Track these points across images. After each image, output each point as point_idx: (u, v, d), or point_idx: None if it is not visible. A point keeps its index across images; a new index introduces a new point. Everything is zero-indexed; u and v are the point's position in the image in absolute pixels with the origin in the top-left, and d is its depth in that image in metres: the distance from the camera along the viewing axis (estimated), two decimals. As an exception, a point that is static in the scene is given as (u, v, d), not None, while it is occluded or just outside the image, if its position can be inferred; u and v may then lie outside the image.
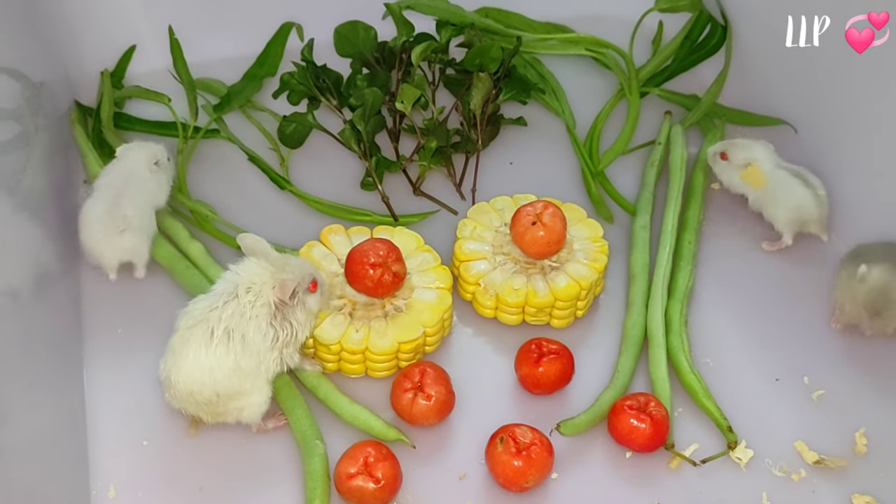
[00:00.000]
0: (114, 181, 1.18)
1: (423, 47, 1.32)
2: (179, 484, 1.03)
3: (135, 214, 1.16)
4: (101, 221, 1.15)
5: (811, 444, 1.07)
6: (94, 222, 1.15)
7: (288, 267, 1.03)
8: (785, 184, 1.23)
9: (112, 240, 1.15)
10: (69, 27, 1.36)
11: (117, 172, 1.19)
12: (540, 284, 1.15)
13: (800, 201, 1.22)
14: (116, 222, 1.14)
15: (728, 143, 1.28)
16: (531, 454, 1.01)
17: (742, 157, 1.25)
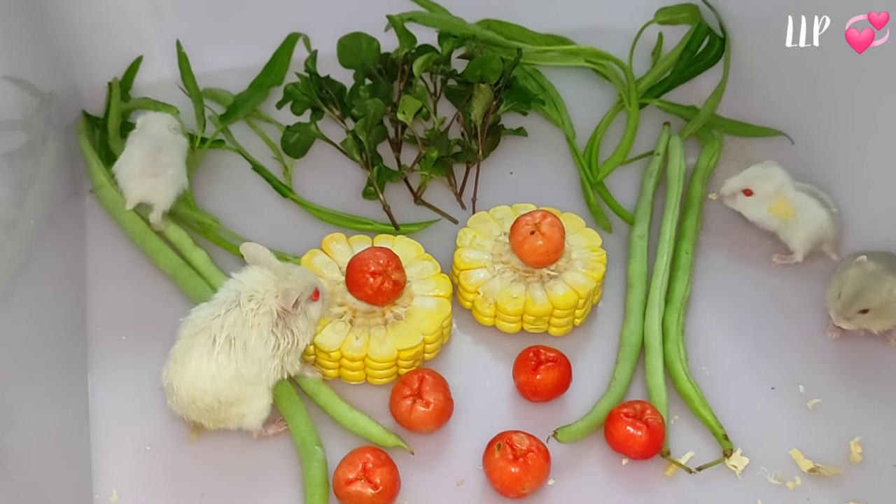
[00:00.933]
0: (145, 141, 1.23)
1: (424, 59, 1.32)
2: (181, 489, 1.03)
3: (171, 164, 1.21)
4: (140, 162, 1.20)
5: (806, 453, 1.07)
6: (134, 161, 1.20)
7: (290, 276, 1.03)
8: (805, 206, 1.21)
9: (144, 179, 1.20)
10: (77, 39, 1.37)
11: (145, 135, 1.24)
12: (538, 293, 1.14)
13: (820, 223, 1.21)
14: (155, 167, 1.20)
15: (746, 177, 1.23)
16: (528, 461, 1.00)
17: (771, 188, 1.21)
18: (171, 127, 1.25)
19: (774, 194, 1.21)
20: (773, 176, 1.22)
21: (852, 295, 1.10)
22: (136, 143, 1.23)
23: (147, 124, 1.25)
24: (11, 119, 1.14)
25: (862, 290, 1.09)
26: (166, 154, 1.21)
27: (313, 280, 1.05)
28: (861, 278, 1.10)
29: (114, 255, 1.23)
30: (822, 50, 1.23)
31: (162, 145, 1.22)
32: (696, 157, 1.35)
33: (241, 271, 1.04)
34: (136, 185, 1.20)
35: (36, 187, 1.15)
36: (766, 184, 1.22)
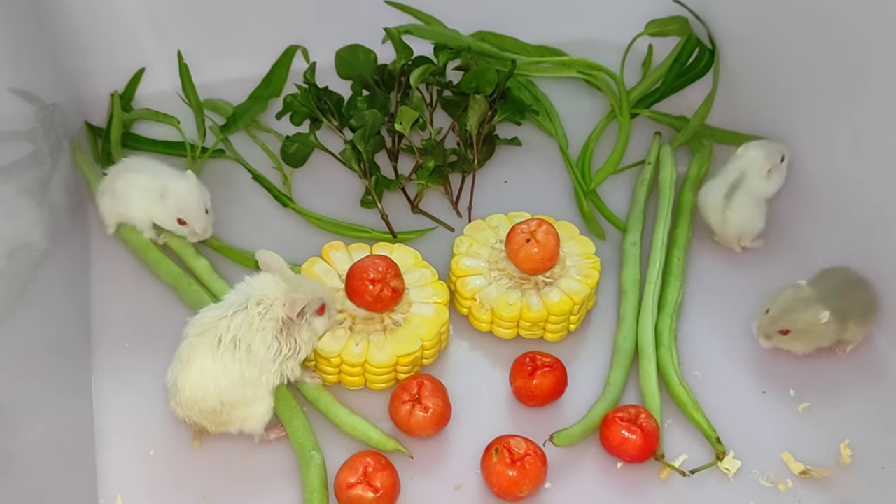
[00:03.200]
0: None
1: (421, 70, 1.32)
2: (184, 492, 1.02)
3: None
4: (141, 188, 1.18)
5: (797, 455, 1.07)
6: (135, 187, 1.19)
7: (301, 287, 1.02)
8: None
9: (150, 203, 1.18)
10: (81, 51, 1.36)
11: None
12: (534, 299, 1.14)
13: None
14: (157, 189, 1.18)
15: (759, 146, 1.26)
16: (525, 464, 1.00)
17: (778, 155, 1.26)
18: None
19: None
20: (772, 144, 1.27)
21: (777, 314, 1.10)
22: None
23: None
24: (16, 130, 1.13)
25: (788, 311, 1.10)
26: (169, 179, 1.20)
27: (322, 295, 1.05)
28: (791, 300, 1.10)
29: (117, 265, 1.22)
30: (809, 60, 1.23)
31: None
32: (686, 165, 1.35)
33: (254, 276, 1.04)
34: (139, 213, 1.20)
35: (41, 197, 1.14)
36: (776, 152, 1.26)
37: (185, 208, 1.17)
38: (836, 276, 1.14)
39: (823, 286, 1.11)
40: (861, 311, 1.13)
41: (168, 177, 1.18)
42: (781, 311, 1.10)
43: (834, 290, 1.12)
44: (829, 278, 1.14)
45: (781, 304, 1.11)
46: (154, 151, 1.33)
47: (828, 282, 1.13)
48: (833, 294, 1.11)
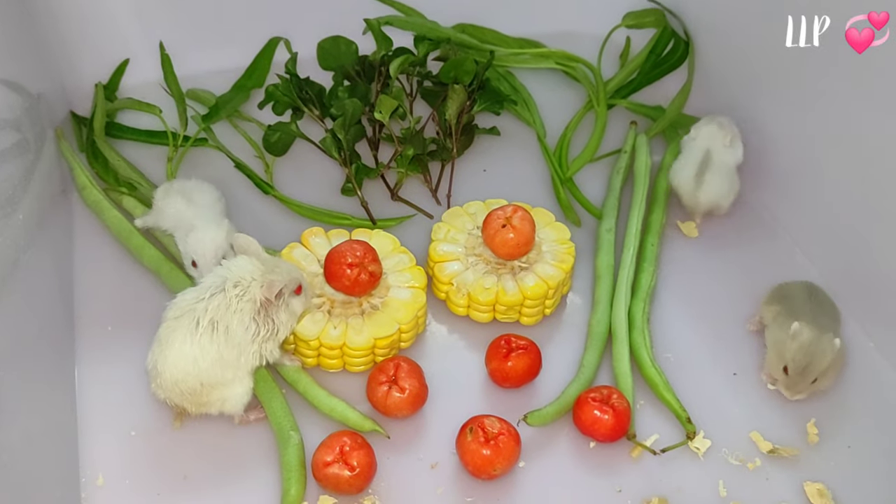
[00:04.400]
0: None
1: (401, 61, 1.33)
2: (165, 472, 1.03)
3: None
4: (177, 215, 1.17)
5: (766, 435, 1.08)
6: (174, 211, 1.17)
7: (277, 269, 1.03)
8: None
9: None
10: (66, 42, 1.37)
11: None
12: (510, 284, 1.15)
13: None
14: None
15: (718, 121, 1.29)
16: (499, 444, 1.01)
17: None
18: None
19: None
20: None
21: (801, 370, 1.06)
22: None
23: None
24: (2, 119, 1.13)
25: (809, 363, 1.06)
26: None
27: (298, 276, 1.06)
28: (804, 350, 1.06)
29: (100, 251, 1.22)
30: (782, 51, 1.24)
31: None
32: (661, 154, 1.36)
33: (231, 259, 1.04)
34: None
35: (25, 185, 1.14)
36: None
37: (201, 254, 1.12)
38: (803, 294, 1.12)
39: (809, 313, 1.09)
40: (836, 314, 1.13)
41: (203, 218, 1.15)
42: (805, 366, 1.06)
43: (818, 310, 1.10)
44: (798, 300, 1.11)
45: (798, 360, 1.06)
46: (138, 140, 1.34)
47: (805, 305, 1.10)
48: (820, 314, 1.10)
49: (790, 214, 1.27)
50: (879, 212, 1.14)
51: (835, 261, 1.22)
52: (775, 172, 1.29)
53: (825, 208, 1.23)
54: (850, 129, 1.17)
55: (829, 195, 1.22)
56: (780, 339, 1.08)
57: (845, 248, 1.20)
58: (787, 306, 1.11)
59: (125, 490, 1.01)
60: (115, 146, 1.32)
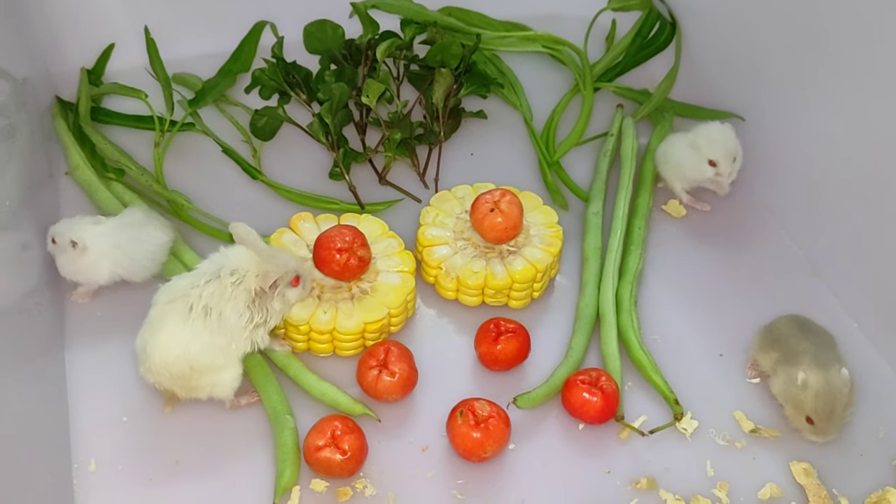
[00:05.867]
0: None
1: (387, 44, 1.33)
2: (157, 457, 1.03)
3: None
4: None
5: (752, 416, 1.09)
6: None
7: (274, 259, 1.03)
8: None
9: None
10: (51, 27, 1.36)
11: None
12: (498, 268, 1.16)
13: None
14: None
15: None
16: (489, 426, 1.01)
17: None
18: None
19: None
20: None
21: (827, 416, 1.03)
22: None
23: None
24: (-15, 102, 1.14)
25: (832, 407, 1.03)
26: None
27: (296, 267, 1.06)
28: (821, 397, 1.02)
29: (88, 235, 1.22)
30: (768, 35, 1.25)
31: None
32: (647, 137, 1.37)
33: (229, 248, 1.04)
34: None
35: (12, 170, 1.14)
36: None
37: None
38: (794, 332, 1.08)
39: (807, 352, 1.05)
40: (830, 340, 1.09)
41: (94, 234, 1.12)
42: (829, 411, 1.02)
43: (814, 346, 1.06)
44: (792, 341, 1.07)
45: (819, 408, 1.02)
46: (125, 125, 1.34)
47: (800, 344, 1.06)
48: (818, 349, 1.06)
49: (776, 197, 1.27)
50: (866, 195, 1.15)
51: (820, 242, 1.23)
52: (762, 155, 1.30)
53: (812, 191, 1.24)
54: (838, 112, 1.17)
55: (816, 177, 1.23)
56: (791, 393, 1.05)
57: (830, 229, 1.21)
58: (783, 351, 1.07)
59: (117, 475, 1.02)
60: (101, 131, 1.31)
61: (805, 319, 1.11)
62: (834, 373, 1.03)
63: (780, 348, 1.08)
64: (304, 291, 1.07)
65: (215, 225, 1.23)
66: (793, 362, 1.05)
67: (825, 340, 1.08)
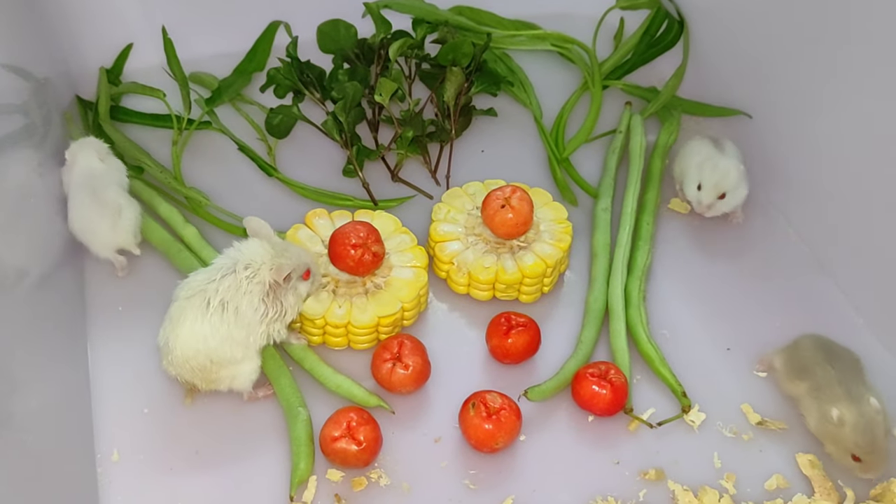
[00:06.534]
0: (80, 185, 1.17)
1: (399, 43, 1.34)
2: (177, 448, 1.05)
3: (117, 199, 1.17)
4: (94, 212, 1.16)
5: (758, 409, 1.10)
6: (81, 216, 1.16)
7: (287, 253, 1.05)
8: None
9: (112, 224, 1.16)
10: (70, 28, 1.38)
11: (79, 174, 1.18)
12: (509, 263, 1.17)
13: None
14: (103, 212, 1.16)
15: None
16: (501, 418, 1.03)
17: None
18: (100, 156, 1.20)
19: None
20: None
21: (870, 449, 1.01)
22: (73, 191, 1.17)
23: (75, 159, 1.19)
24: (9, 103, 1.14)
25: (873, 439, 1.01)
26: (106, 192, 1.17)
27: (307, 260, 1.07)
28: (860, 432, 1.01)
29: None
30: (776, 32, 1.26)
31: (99, 183, 1.17)
32: (656, 134, 1.38)
33: (242, 242, 1.06)
34: (101, 242, 1.17)
35: (35, 166, 1.16)
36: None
37: None
38: (820, 361, 1.06)
39: (838, 384, 1.03)
40: (857, 364, 1.08)
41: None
42: (871, 444, 1.01)
43: (844, 376, 1.05)
44: (819, 371, 1.05)
45: (861, 443, 1.01)
46: (143, 124, 1.35)
47: (829, 375, 1.05)
48: (849, 381, 1.04)
49: (783, 194, 1.28)
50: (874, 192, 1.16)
51: (827, 239, 1.24)
52: (769, 153, 1.31)
53: (819, 188, 1.25)
54: (845, 109, 1.18)
55: (823, 174, 1.24)
56: (828, 430, 1.03)
57: (837, 226, 1.22)
58: (811, 382, 1.06)
59: (139, 465, 1.03)
60: (120, 129, 1.33)
61: (828, 343, 1.09)
62: (866, 406, 1.01)
63: (807, 378, 1.06)
64: (314, 285, 1.09)
65: (232, 221, 1.25)
66: (824, 397, 1.04)
67: (851, 365, 1.06)
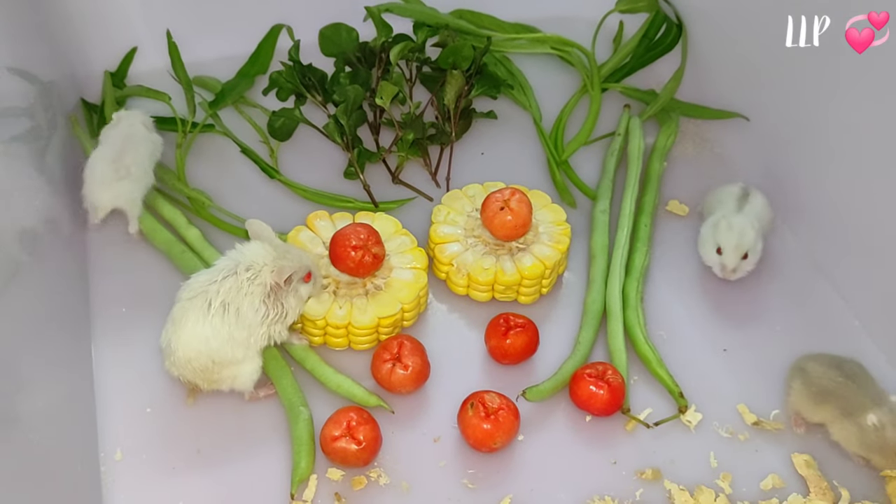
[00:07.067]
0: (115, 139, 1.22)
1: (400, 47, 1.34)
2: (180, 447, 1.05)
3: (136, 164, 1.21)
4: (104, 168, 1.20)
5: (754, 409, 1.10)
6: (97, 169, 1.20)
7: (288, 255, 1.05)
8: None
9: (111, 185, 1.19)
10: (76, 31, 1.38)
11: (117, 133, 1.23)
12: (508, 264, 1.17)
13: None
14: (118, 171, 1.19)
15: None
16: (499, 418, 1.03)
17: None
18: (144, 124, 1.25)
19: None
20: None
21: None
22: (101, 148, 1.22)
23: (119, 122, 1.24)
24: (15, 106, 1.15)
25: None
26: (131, 154, 1.21)
27: (308, 262, 1.08)
28: (882, 438, 1.02)
29: (113, 233, 1.24)
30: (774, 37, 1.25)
31: (128, 145, 1.21)
32: (654, 137, 1.38)
33: (244, 244, 1.06)
34: (104, 195, 1.19)
35: (40, 170, 1.17)
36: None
37: None
38: (836, 378, 1.05)
39: (862, 393, 1.03)
40: (863, 371, 1.07)
41: None
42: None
43: (862, 383, 1.05)
44: (841, 389, 1.04)
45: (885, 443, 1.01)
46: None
47: (850, 390, 1.04)
48: (867, 385, 1.04)
49: (780, 196, 1.27)
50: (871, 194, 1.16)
51: (823, 240, 1.24)
52: (766, 155, 1.31)
53: (816, 189, 1.25)
54: (842, 111, 1.18)
55: (820, 176, 1.24)
56: (871, 440, 1.02)
57: (834, 227, 1.22)
58: (838, 404, 1.04)
59: (142, 464, 1.04)
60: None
61: (833, 358, 1.07)
62: (887, 401, 1.02)
63: (831, 399, 1.05)
64: (315, 288, 1.09)
65: (235, 223, 1.25)
66: (855, 410, 1.03)
67: (860, 371, 1.06)
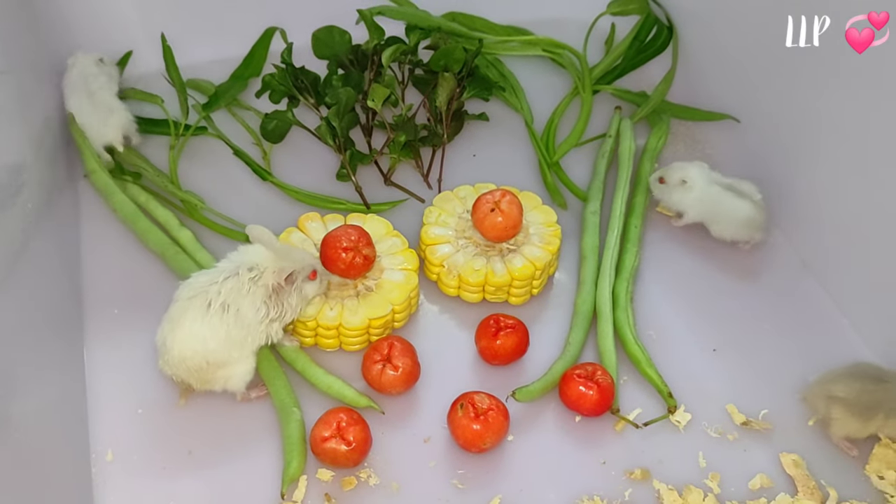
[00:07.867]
0: (78, 85, 1.29)
1: (393, 49, 1.34)
2: (171, 448, 1.05)
3: (109, 97, 1.29)
4: (88, 112, 1.27)
5: (743, 409, 1.10)
6: (84, 116, 1.28)
7: (290, 256, 1.06)
8: (722, 201, 1.22)
9: (106, 120, 1.27)
10: (72, 34, 1.38)
11: (76, 78, 1.30)
12: (498, 265, 1.17)
13: (745, 213, 1.22)
14: (99, 108, 1.27)
15: (665, 168, 1.27)
16: (489, 419, 1.03)
17: (677, 177, 1.24)
18: (94, 63, 1.31)
19: (679, 182, 1.24)
20: (684, 168, 1.25)
21: None
22: (72, 98, 1.29)
23: (73, 69, 1.31)
24: (8, 108, 1.15)
25: None
26: (98, 92, 1.28)
27: (313, 262, 1.08)
28: None
29: (107, 235, 1.24)
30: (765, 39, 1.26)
31: (93, 85, 1.29)
32: (645, 138, 1.38)
33: (246, 246, 1.07)
34: (109, 132, 1.27)
35: (34, 173, 1.16)
36: (675, 173, 1.25)
37: None
38: (871, 384, 1.05)
39: (888, 392, 1.05)
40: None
41: None
42: None
43: (884, 379, 1.05)
44: (886, 396, 1.05)
45: None
46: (141, 130, 1.34)
47: (892, 392, 1.05)
48: (889, 377, 1.05)
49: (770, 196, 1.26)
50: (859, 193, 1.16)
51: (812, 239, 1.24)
52: (755, 156, 1.31)
53: (805, 190, 1.25)
54: (832, 113, 1.18)
55: (809, 176, 1.24)
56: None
57: (822, 226, 1.22)
58: (884, 410, 1.04)
59: (133, 465, 1.04)
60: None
61: (853, 371, 1.07)
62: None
63: (879, 408, 1.05)
64: (321, 286, 1.09)
65: (227, 224, 1.25)
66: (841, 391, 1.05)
67: (876, 369, 1.07)
